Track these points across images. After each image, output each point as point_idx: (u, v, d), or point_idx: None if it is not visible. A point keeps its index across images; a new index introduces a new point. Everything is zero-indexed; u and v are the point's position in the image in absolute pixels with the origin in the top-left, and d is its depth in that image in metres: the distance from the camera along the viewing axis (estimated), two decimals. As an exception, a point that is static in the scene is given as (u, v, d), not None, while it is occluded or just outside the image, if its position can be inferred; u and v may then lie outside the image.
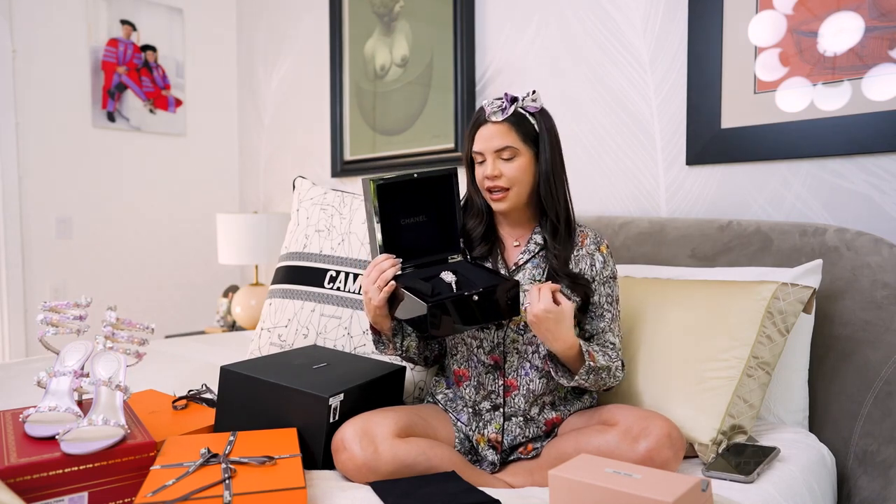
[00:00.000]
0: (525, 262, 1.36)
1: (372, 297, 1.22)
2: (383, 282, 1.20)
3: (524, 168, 1.31)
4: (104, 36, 3.21)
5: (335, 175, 3.04)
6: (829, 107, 1.67)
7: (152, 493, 0.94)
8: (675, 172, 1.98)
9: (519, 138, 1.30)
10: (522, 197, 1.33)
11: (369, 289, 1.22)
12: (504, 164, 1.30)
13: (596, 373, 1.24)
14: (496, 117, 1.30)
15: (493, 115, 1.30)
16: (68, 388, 1.20)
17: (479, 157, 1.33)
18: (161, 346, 2.34)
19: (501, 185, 1.30)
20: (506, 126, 1.30)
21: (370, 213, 1.26)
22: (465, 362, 1.35)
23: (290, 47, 3.34)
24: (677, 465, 1.17)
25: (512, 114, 1.30)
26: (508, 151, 1.30)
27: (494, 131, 1.30)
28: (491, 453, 1.30)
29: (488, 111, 1.31)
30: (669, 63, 1.97)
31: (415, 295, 1.18)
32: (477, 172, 1.35)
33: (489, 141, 1.30)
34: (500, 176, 1.30)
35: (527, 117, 1.31)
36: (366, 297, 1.24)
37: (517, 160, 1.30)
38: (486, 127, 1.31)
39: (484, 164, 1.32)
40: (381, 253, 1.26)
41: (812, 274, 1.48)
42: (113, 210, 3.28)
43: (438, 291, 1.23)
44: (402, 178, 1.27)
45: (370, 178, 1.24)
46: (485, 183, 1.32)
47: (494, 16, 2.42)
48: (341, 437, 1.16)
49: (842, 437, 1.48)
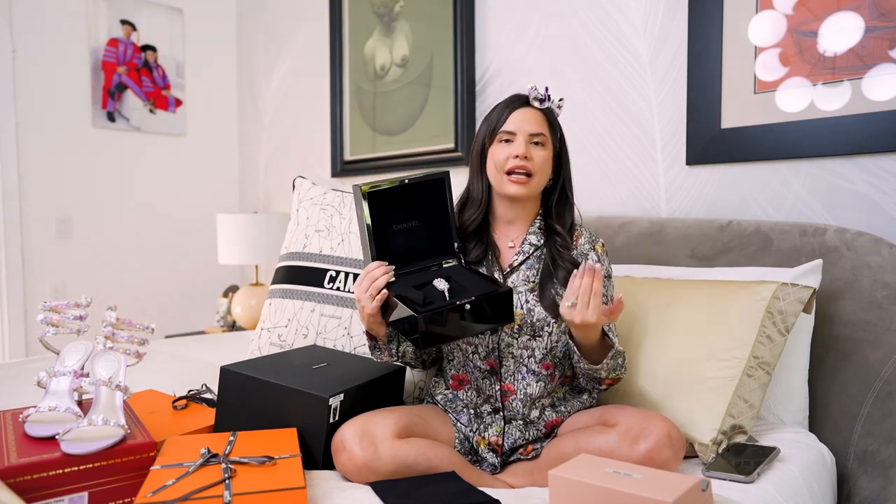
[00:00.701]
0: (520, 263, 1.35)
1: (365, 305, 1.21)
2: (375, 290, 1.20)
3: (547, 160, 1.33)
4: (104, 36, 3.21)
5: (335, 175, 3.04)
6: (829, 107, 1.67)
7: (152, 493, 0.94)
8: (675, 172, 1.98)
9: (549, 131, 1.34)
10: (538, 188, 1.35)
11: (362, 297, 1.21)
12: (534, 148, 1.32)
13: (621, 356, 1.27)
14: (538, 104, 1.33)
15: (536, 101, 1.34)
16: (68, 388, 1.20)
17: (507, 136, 1.33)
18: (161, 346, 2.34)
19: (528, 169, 1.30)
20: (542, 115, 1.34)
21: (361, 221, 1.24)
22: (461, 367, 1.35)
23: (290, 47, 3.34)
24: (677, 466, 1.17)
25: (547, 108, 1.35)
26: (541, 138, 1.32)
27: (533, 115, 1.33)
28: (491, 455, 1.30)
29: (532, 95, 1.34)
30: (669, 63, 1.97)
31: (406, 304, 1.17)
32: (499, 152, 1.33)
33: (527, 123, 1.32)
34: (531, 159, 1.31)
35: (555, 117, 1.37)
36: (359, 305, 1.23)
37: (544, 150, 1.33)
38: (525, 110, 1.33)
39: (512, 143, 1.32)
40: (373, 260, 1.24)
41: (812, 274, 1.48)
42: (113, 210, 3.28)
43: (431, 300, 1.22)
44: (393, 185, 1.26)
45: (361, 186, 1.22)
46: (509, 163, 1.31)
47: (494, 16, 2.42)
48: (341, 438, 1.16)
49: (842, 437, 1.48)
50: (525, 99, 1.35)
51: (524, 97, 1.35)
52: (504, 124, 1.33)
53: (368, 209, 1.23)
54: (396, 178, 1.27)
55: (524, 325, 1.30)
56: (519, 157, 1.30)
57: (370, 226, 1.24)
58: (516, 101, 1.35)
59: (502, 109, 1.35)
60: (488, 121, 1.37)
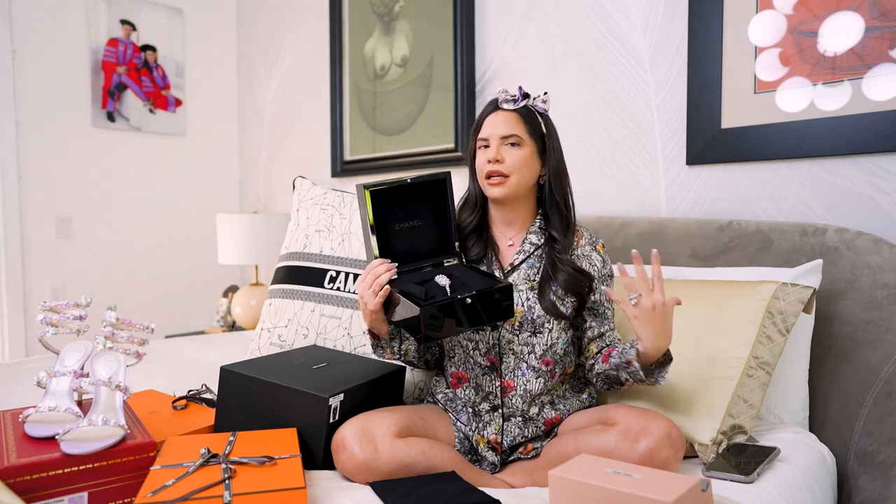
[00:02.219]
0: (520, 262, 1.36)
1: (367, 301, 1.22)
2: (378, 286, 1.21)
3: (527, 158, 1.33)
4: (104, 36, 3.21)
5: (335, 175, 3.04)
6: (829, 107, 1.67)
7: (152, 493, 0.94)
8: (675, 172, 1.98)
9: (525, 130, 1.33)
10: (521, 188, 1.34)
11: (364, 293, 1.22)
12: (508, 150, 1.32)
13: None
14: (507, 105, 1.34)
15: (506, 103, 1.34)
16: (68, 388, 1.20)
17: (483, 143, 1.35)
18: (161, 346, 2.34)
19: (502, 171, 1.31)
20: (515, 116, 1.33)
21: (364, 220, 1.26)
22: (462, 364, 1.35)
23: (290, 47, 3.34)
24: (677, 465, 1.17)
25: (522, 107, 1.34)
26: (514, 139, 1.32)
27: (503, 119, 1.33)
28: (491, 454, 1.30)
29: (501, 99, 1.34)
30: (669, 63, 1.97)
31: (409, 299, 1.19)
32: (480, 158, 1.36)
33: (497, 127, 1.33)
34: (502, 161, 1.31)
35: (535, 114, 1.36)
36: (361, 301, 1.24)
37: (521, 150, 1.32)
38: (496, 114, 1.34)
39: (487, 149, 1.34)
40: (376, 258, 1.26)
41: (812, 274, 1.48)
42: (113, 210, 3.28)
43: (432, 295, 1.23)
44: (395, 184, 1.28)
45: (363, 185, 1.25)
46: (485, 168, 1.33)
47: (494, 16, 2.42)
48: (341, 437, 1.16)
49: (842, 437, 1.48)
50: (496, 102, 1.36)
51: (496, 101, 1.36)
52: (480, 131, 1.36)
53: (371, 208, 1.25)
54: (399, 179, 1.29)
55: (525, 322, 1.30)
56: (491, 162, 1.31)
57: (373, 224, 1.26)
58: (489, 106, 1.37)
59: (480, 116, 1.38)
60: (473, 127, 1.39)
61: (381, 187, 1.26)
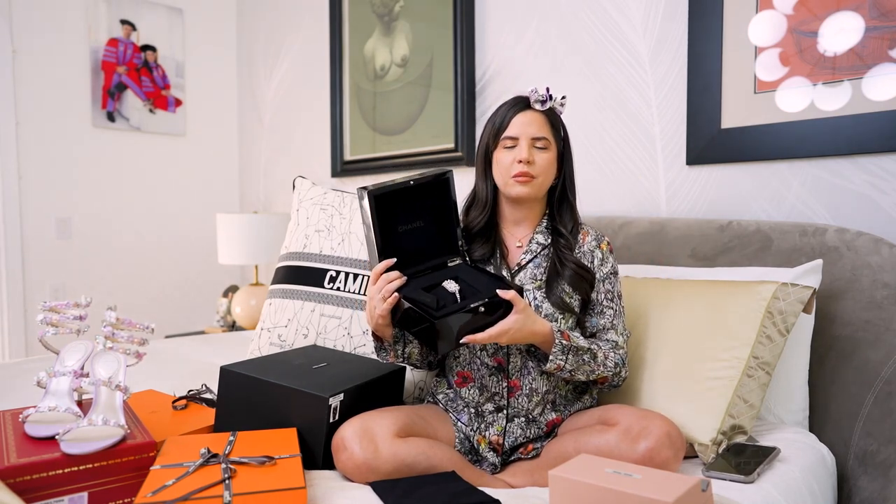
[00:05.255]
0: (527, 262, 1.36)
1: (376, 305, 1.21)
2: (388, 292, 1.20)
3: (551, 161, 1.34)
4: (104, 36, 3.21)
5: (335, 175, 3.04)
6: (829, 107, 1.67)
7: (152, 493, 0.94)
8: (675, 172, 1.98)
9: (551, 133, 1.34)
10: (542, 189, 1.35)
11: (374, 297, 1.22)
12: (537, 152, 1.32)
13: (575, 353, 1.24)
14: (539, 106, 1.34)
15: (538, 103, 1.34)
16: (68, 388, 1.20)
17: (510, 141, 1.33)
18: (161, 346, 2.34)
19: (532, 173, 1.31)
20: (542, 117, 1.34)
21: (367, 223, 1.24)
22: (467, 365, 1.35)
23: (290, 47, 3.34)
24: (677, 465, 1.17)
25: (549, 108, 1.35)
26: (543, 142, 1.32)
27: (534, 119, 1.33)
28: (492, 455, 1.30)
29: (533, 98, 1.34)
30: (669, 63, 1.97)
31: (420, 309, 1.17)
32: (504, 156, 1.34)
33: (528, 126, 1.32)
34: (534, 163, 1.31)
35: (559, 117, 1.37)
36: (370, 303, 1.23)
37: (548, 153, 1.33)
38: (527, 113, 1.34)
39: (515, 148, 1.33)
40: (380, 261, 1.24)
41: (812, 274, 1.48)
42: (113, 210, 3.28)
43: (443, 304, 1.22)
44: (397, 186, 1.26)
45: (365, 188, 1.22)
46: (514, 167, 1.32)
47: (494, 16, 2.42)
48: (341, 437, 1.16)
49: (842, 437, 1.48)
50: (527, 101, 1.35)
51: (526, 99, 1.35)
52: (507, 129, 1.34)
53: (375, 211, 1.23)
54: (401, 180, 1.27)
55: None
56: (522, 163, 1.31)
57: (377, 228, 1.24)
58: (518, 103, 1.35)
59: (505, 112, 1.35)
60: (492, 123, 1.37)
61: (384, 190, 1.24)
